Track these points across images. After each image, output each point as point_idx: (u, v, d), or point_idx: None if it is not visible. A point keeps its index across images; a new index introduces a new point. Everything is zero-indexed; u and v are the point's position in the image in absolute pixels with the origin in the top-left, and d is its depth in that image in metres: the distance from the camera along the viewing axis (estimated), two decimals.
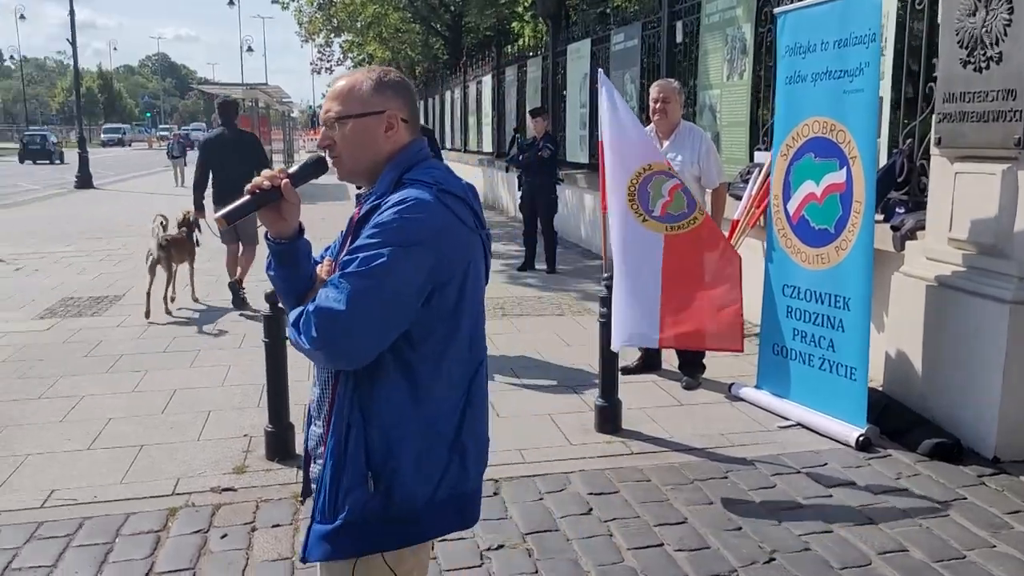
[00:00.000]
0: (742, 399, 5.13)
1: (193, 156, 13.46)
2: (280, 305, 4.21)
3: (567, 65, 12.71)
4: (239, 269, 7.99)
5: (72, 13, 24.39)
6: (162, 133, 69.07)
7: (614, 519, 3.62)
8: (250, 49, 60.07)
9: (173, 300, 7.80)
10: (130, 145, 68.37)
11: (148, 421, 4.82)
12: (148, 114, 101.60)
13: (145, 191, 23.15)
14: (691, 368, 5.48)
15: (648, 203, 4.68)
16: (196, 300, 8.18)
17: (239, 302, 7.82)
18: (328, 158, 1.88)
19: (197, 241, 8.29)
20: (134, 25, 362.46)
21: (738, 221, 6.65)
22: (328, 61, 28.19)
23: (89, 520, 3.62)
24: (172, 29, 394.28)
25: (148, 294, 7.40)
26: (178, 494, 3.88)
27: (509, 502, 3.80)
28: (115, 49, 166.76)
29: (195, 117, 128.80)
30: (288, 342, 1.97)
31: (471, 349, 1.84)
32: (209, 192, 7.97)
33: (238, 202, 1.79)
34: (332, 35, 24.96)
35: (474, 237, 1.82)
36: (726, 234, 6.43)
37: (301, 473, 4.04)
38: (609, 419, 4.63)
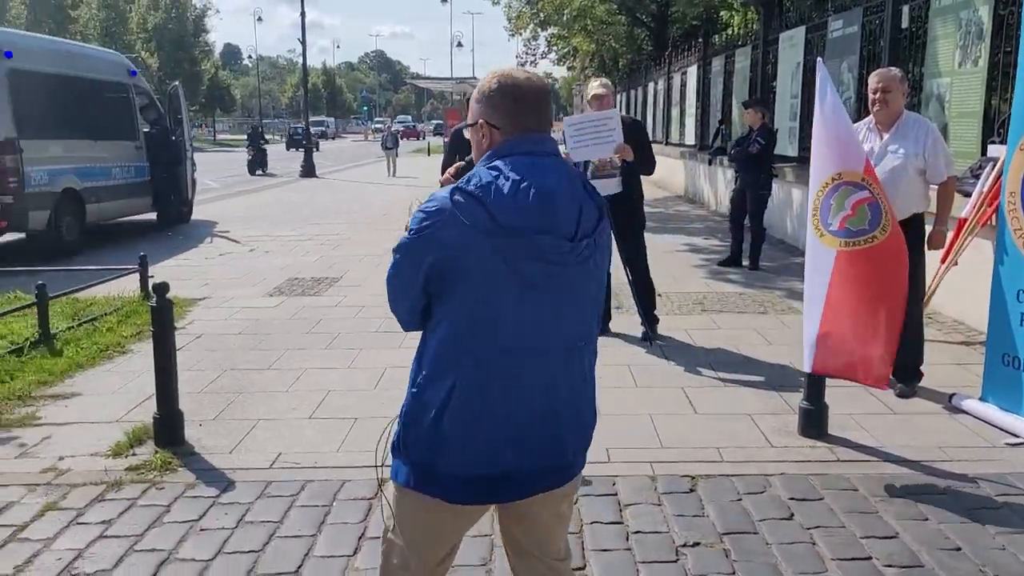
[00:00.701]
0: (964, 411, 4.77)
1: (403, 148, 14.36)
2: None
3: (778, 54, 12.24)
4: None
5: (303, 15, 26.29)
6: (376, 126, 73.03)
7: (817, 527, 3.49)
8: (460, 44, 62.49)
9: None
10: (334, 139, 72.70)
11: (362, 395, 5.16)
12: (365, 108, 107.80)
13: (360, 181, 24.64)
14: (906, 375, 5.15)
15: (828, 216, 4.31)
16: None
17: None
18: None
19: None
20: (355, 24, 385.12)
21: (966, 220, 6.18)
22: (533, 54, 28.71)
23: (310, 483, 3.94)
24: (389, 27, 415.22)
25: None
26: (387, 466, 4.12)
27: (706, 500, 3.75)
28: (338, 47, 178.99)
29: (406, 110, 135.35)
30: None
31: (481, 333, 1.95)
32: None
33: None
34: (539, 29, 25.39)
35: (476, 235, 1.89)
36: (951, 234, 6.02)
37: None
38: (814, 423, 4.46)
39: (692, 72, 17.72)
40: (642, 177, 6.47)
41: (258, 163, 27.52)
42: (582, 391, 2.12)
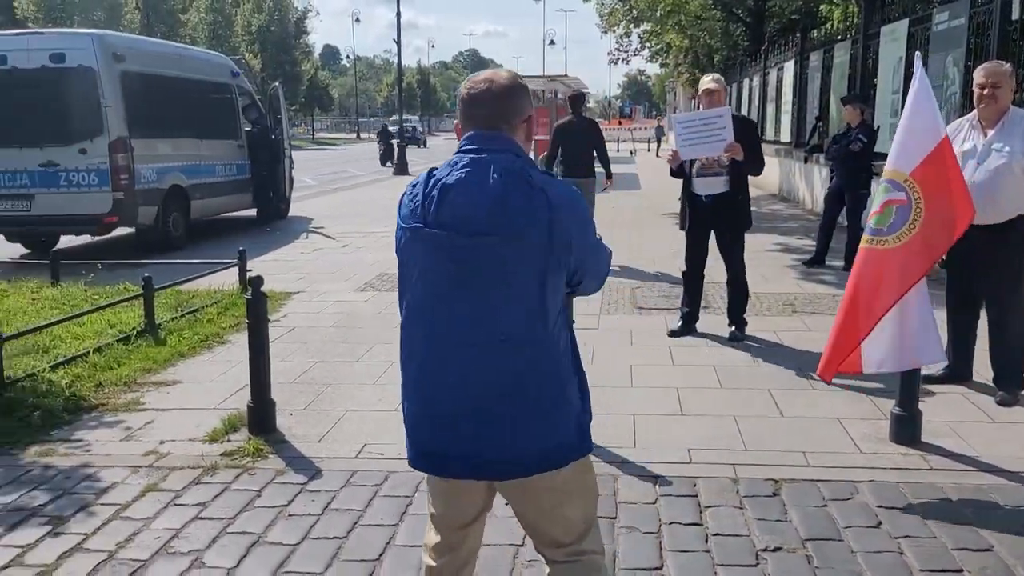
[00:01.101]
0: None
1: None
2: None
3: (879, 48, 11.83)
4: None
5: (398, 16, 26.79)
6: None
7: (906, 536, 3.39)
8: (552, 42, 62.41)
9: None
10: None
11: None
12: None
13: None
14: (1008, 381, 4.93)
15: (866, 214, 4.26)
16: None
17: None
18: None
19: None
20: (449, 24, 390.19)
21: None
22: (625, 51, 28.46)
23: (394, 474, 4.03)
24: (483, 26, 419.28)
25: None
26: None
27: (789, 504, 3.69)
28: (432, 46, 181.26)
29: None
30: None
31: (412, 322, 2.23)
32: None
33: None
34: (631, 25, 25.17)
35: (399, 227, 2.23)
36: None
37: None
38: (907, 429, 4.31)
39: (789, 67, 17.28)
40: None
41: (388, 156, 29.77)
42: (520, 391, 2.15)
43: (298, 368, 5.74)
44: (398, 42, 27.40)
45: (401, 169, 26.39)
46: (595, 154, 9.61)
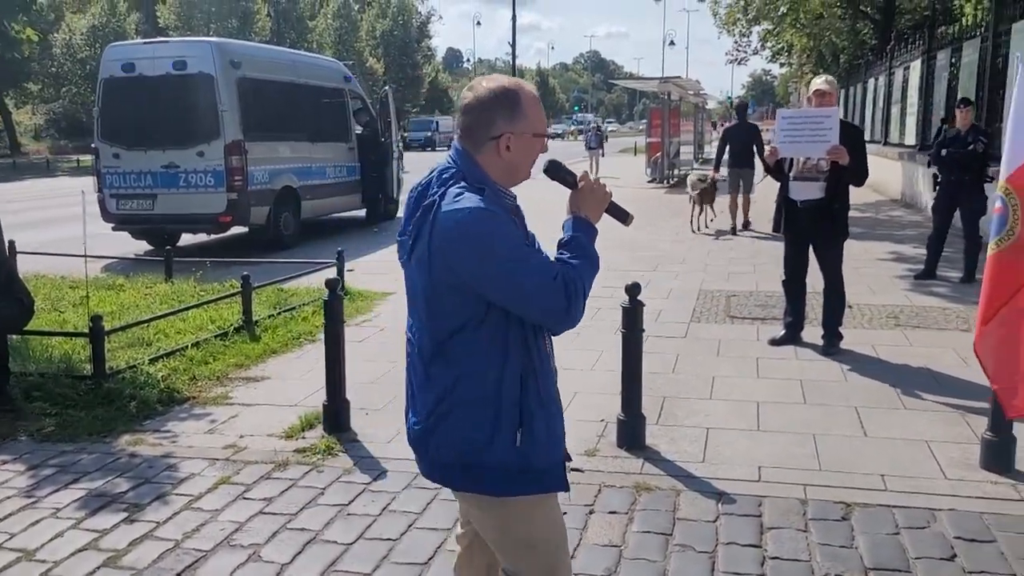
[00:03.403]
0: None
1: (611, 147, 14.66)
2: (639, 297, 4.35)
3: (1011, 46, 11.10)
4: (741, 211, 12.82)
5: (514, 19, 27.03)
6: (579, 126, 73.39)
7: (982, 572, 3.18)
8: (672, 43, 61.60)
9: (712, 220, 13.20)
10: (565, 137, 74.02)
11: None
12: (576, 108, 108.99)
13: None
14: None
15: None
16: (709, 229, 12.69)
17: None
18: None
19: (716, 188, 13.21)
20: (572, 25, 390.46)
21: None
22: (744, 51, 27.78)
23: None
24: (604, 27, 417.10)
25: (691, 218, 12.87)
26: None
27: (859, 531, 3.51)
28: (552, 48, 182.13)
29: (619, 110, 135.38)
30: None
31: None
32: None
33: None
34: (750, 24, 24.55)
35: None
36: None
37: (645, 465, 4.15)
38: (998, 456, 4.04)
39: (915, 67, 16.44)
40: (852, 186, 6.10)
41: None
42: (409, 387, 2.22)
43: (380, 369, 5.86)
44: (512, 44, 27.66)
45: None
46: (755, 150, 11.90)
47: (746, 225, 12.93)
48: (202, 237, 12.40)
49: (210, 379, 5.64)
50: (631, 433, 4.40)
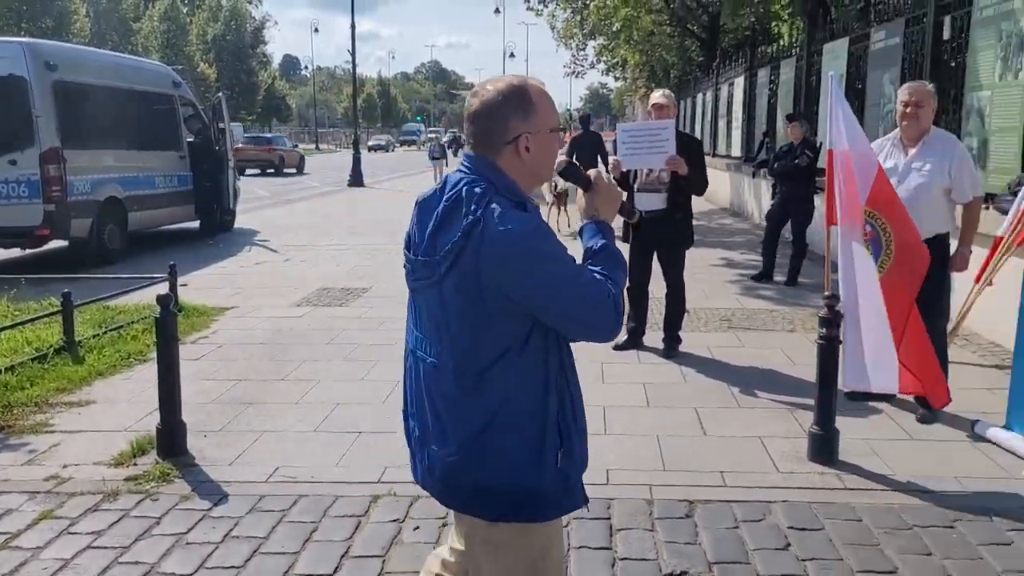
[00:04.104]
0: (987, 439, 4.56)
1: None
2: None
3: (822, 65, 11.99)
4: None
5: (352, 27, 26.66)
6: (430, 135, 73.59)
7: (813, 559, 3.36)
8: (512, 55, 62.57)
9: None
10: (421, 146, 73.61)
11: (369, 409, 5.14)
12: (419, 118, 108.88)
13: (407, 190, 24.81)
14: (928, 399, 4.95)
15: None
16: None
17: None
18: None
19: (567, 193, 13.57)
20: (412, 35, 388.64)
21: (1002, 238, 5.93)
22: (581, 65, 28.64)
23: (304, 498, 3.92)
24: (444, 37, 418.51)
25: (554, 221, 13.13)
26: (383, 482, 4.10)
27: (702, 527, 3.64)
28: (393, 58, 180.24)
29: (461, 121, 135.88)
30: None
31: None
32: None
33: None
34: (585, 39, 25.33)
35: None
36: (987, 253, 5.80)
37: None
38: (824, 448, 4.30)
39: (739, 83, 17.47)
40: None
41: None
42: (432, 413, 2.08)
43: (220, 387, 5.59)
44: (352, 52, 27.28)
45: (356, 181, 26.19)
46: (599, 157, 12.81)
47: None
48: (16, 252, 11.46)
49: (27, 406, 5.19)
50: None
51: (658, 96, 6.32)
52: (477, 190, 1.96)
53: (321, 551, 3.46)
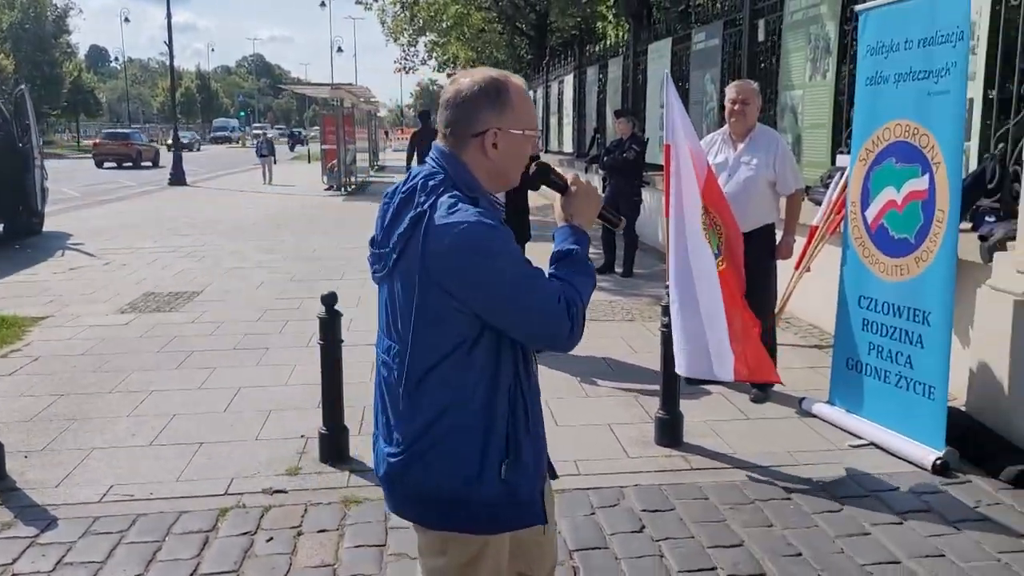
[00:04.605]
0: (813, 415, 4.90)
1: (282, 155, 14.37)
2: (336, 307, 4.22)
3: (647, 65, 12.50)
4: None
5: (168, 16, 25.27)
6: (255, 132, 71.27)
7: (667, 539, 3.49)
8: (340, 50, 61.50)
9: None
10: (237, 142, 70.70)
11: (210, 419, 4.89)
12: (243, 113, 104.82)
13: (233, 189, 23.83)
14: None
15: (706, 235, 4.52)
16: None
17: None
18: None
19: None
20: (231, 27, 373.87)
21: (817, 227, 6.38)
22: (412, 61, 28.50)
23: (143, 517, 3.67)
24: (267, 30, 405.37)
25: None
26: (230, 494, 3.90)
27: (560, 515, 3.68)
28: (212, 50, 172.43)
29: (288, 116, 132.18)
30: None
31: None
32: None
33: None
34: (416, 35, 25.22)
35: None
36: (804, 241, 6.22)
37: (351, 478, 4.02)
38: (669, 432, 4.48)
39: (568, 81, 17.94)
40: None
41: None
42: (383, 411, 2.01)
43: (39, 404, 5.14)
44: (169, 43, 25.85)
45: (178, 179, 24.87)
46: None
47: None
48: None
49: None
50: (335, 446, 4.27)
51: None
52: (432, 182, 1.89)
53: (167, 571, 3.24)
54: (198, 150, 56.88)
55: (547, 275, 1.93)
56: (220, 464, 4.25)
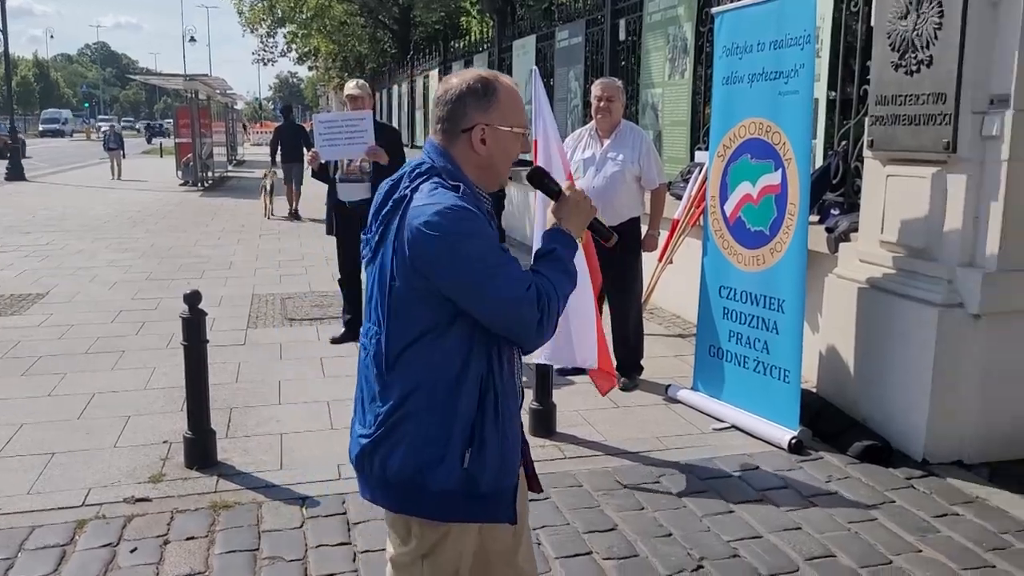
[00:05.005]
0: (679, 401, 5.10)
1: (132, 148, 13.81)
2: (200, 306, 4.06)
3: (513, 61, 12.62)
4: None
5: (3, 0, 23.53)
6: (101, 124, 67.44)
7: (544, 527, 3.55)
8: (192, 39, 58.81)
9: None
10: (71, 136, 66.39)
11: (63, 427, 4.61)
12: (86, 104, 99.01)
13: (80, 184, 22.44)
14: (629, 369, 5.43)
15: None
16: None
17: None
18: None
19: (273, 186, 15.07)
20: (72, 13, 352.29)
21: (678, 221, 6.64)
22: (271, 52, 27.67)
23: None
24: (112, 17, 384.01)
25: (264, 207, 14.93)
26: (88, 505, 3.69)
27: None
28: (52, 37, 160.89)
29: (136, 108, 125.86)
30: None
31: None
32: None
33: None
34: (275, 26, 24.51)
35: None
36: (667, 234, 6.46)
37: (220, 482, 3.88)
38: (543, 423, 4.56)
39: (434, 76, 17.88)
40: None
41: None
42: (360, 394, 2.06)
43: None
44: (3, 30, 24.05)
45: (16, 174, 23.18)
46: (303, 146, 13.16)
47: (296, 215, 14.66)
48: None
49: None
50: (201, 451, 4.11)
51: (352, 87, 6.31)
52: (417, 171, 1.98)
53: None
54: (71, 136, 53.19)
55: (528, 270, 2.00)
56: (76, 474, 4.01)
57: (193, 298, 4.05)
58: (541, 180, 2.19)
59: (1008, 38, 3.93)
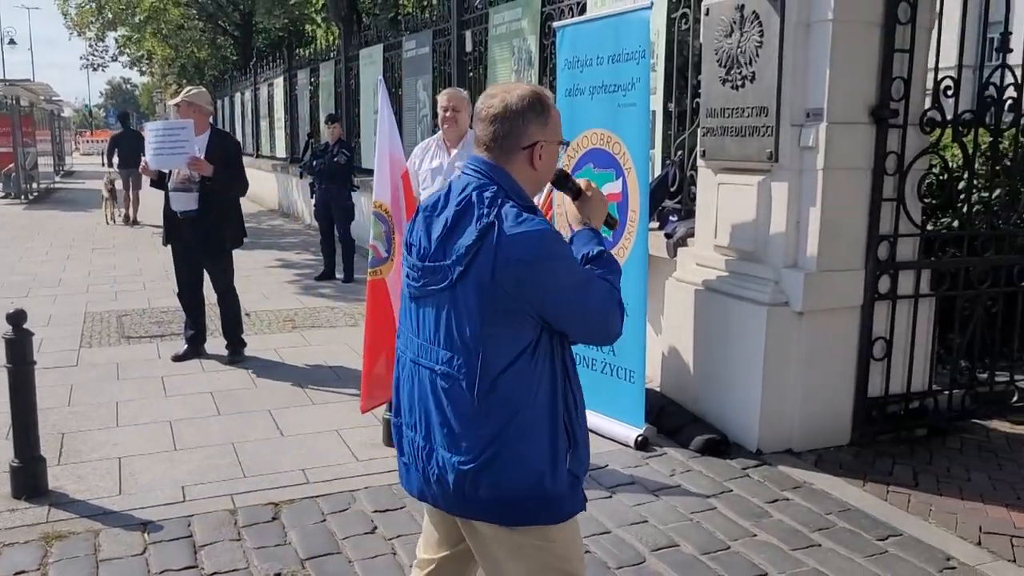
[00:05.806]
0: None
1: None
2: (25, 327, 3.81)
3: (360, 70, 12.51)
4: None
5: None
6: None
7: (399, 536, 3.54)
8: (12, 42, 54.68)
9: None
10: None
11: None
12: None
13: None
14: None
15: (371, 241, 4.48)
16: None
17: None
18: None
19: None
20: None
21: None
22: (102, 56, 26.20)
23: None
24: None
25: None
26: None
27: (289, 527, 3.62)
28: None
29: None
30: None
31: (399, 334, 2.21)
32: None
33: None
34: (105, 29, 23.20)
35: None
36: None
37: (52, 511, 3.66)
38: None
39: (278, 84, 17.45)
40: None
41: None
42: (440, 422, 2.02)
43: None
44: None
45: None
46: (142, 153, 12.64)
47: (133, 222, 14.93)
48: None
49: None
50: (29, 479, 3.84)
51: (182, 95, 6.16)
52: (487, 194, 1.98)
53: None
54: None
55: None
56: None
57: (17, 317, 3.79)
58: (565, 182, 2.24)
59: (819, 57, 4.26)
